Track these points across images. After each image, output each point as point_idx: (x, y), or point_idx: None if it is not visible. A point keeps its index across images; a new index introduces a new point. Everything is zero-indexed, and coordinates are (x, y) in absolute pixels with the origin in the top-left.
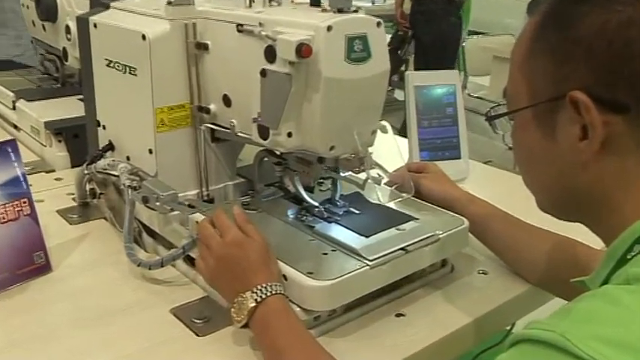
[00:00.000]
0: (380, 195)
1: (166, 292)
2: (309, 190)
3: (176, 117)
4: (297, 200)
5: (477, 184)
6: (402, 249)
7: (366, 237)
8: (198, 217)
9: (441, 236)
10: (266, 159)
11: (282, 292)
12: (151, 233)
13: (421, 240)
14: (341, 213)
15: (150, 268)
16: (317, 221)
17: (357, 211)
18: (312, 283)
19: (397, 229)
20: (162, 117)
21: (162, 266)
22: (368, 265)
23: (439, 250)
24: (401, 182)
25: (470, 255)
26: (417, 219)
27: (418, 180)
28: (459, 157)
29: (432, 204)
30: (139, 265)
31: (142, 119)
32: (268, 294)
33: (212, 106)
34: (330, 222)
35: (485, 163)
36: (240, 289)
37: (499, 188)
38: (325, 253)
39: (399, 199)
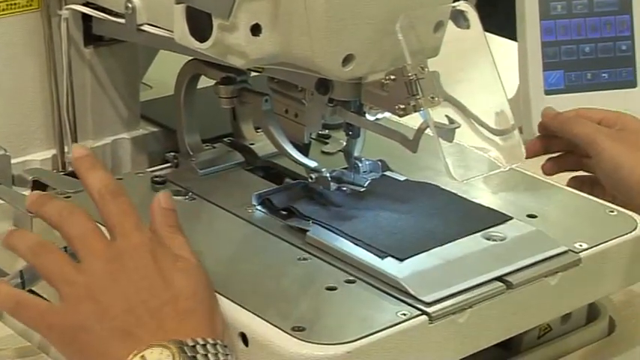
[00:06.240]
0: (452, 163)
1: None
2: (300, 151)
3: None
4: (274, 174)
5: None
6: (499, 280)
7: (421, 253)
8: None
9: (583, 254)
10: (211, 83)
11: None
12: None
13: (541, 262)
14: (366, 184)
15: None
16: (315, 220)
17: (399, 178)
18: (302, 349)
19: (486, 238)
20: None
21: None
22: (424, 314)
23: (582, 286)
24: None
25: None
26: (533, 216)
27: (594, 137)
28: (634, 85)
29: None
30: None
31: None
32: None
33: None
34: (341, 221)
35: None
36: (143, 338)
37: None
38: (331, 288)
39: (495, 172)
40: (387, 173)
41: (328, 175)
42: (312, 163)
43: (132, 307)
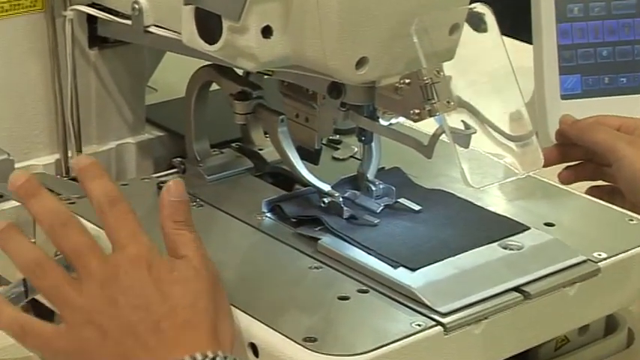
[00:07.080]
0: (468, 170)
1: None
2: (310, 157)
3: None
4: (283, 180)
5: None
6: (516, 290)
7: (433, 263)
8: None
9: (602, 264)
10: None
11: None
12: None
13: (559, 272)
14: (379, 210)
15: None
16: (327, 229)
17: (414, 207)
18: None
19: (502, 247)
20: None
21: None
22: (439, 324)
23: (601, 296)
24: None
25: None
26: (551, 224)
27: (614, 143)
28: None
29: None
30: None
31: None
32: None
33: None
34: (353, 229)
35: None
36: (142, 359)
37: None
38: (344, 298)
39: (512, 178)
40: (401, 200)
41: (341, 199)
42: (326, 187)
43: (130, 328)
